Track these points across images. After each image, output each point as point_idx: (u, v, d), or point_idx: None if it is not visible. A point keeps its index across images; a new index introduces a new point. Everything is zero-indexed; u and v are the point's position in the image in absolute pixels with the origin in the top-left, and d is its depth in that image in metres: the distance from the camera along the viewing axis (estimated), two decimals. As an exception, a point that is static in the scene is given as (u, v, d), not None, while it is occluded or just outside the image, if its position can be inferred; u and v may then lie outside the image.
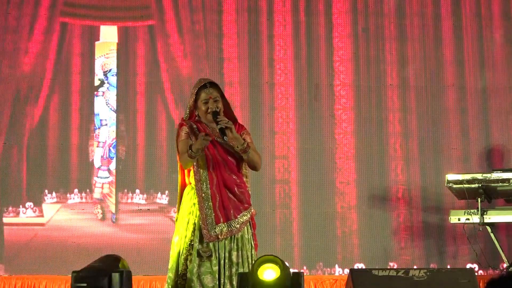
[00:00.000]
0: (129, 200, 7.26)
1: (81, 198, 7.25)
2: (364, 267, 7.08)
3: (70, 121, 7.33)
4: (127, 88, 7.39)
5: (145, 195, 7.26)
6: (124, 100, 7.38)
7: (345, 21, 7.47)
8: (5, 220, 7.20)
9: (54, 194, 7.24)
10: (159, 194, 7.26)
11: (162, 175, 7.27)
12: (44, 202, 7.24)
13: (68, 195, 7.25)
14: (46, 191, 7.24)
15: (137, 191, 7.27)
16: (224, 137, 4.63)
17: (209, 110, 4.76)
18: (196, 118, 4.85)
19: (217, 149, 4.77)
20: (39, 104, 7.32)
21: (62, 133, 7.32)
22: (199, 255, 4.66)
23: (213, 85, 4.82)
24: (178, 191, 4.89)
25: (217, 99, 4.78)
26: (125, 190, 7.27)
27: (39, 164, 7.28)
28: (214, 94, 4.78)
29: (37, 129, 7.31)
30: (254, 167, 4.84)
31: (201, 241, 4.69)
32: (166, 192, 7.24)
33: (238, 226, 4.74)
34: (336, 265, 7.21)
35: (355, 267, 7.10)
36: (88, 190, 7.25)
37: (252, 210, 4.86)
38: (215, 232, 4.68)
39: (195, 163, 4.73)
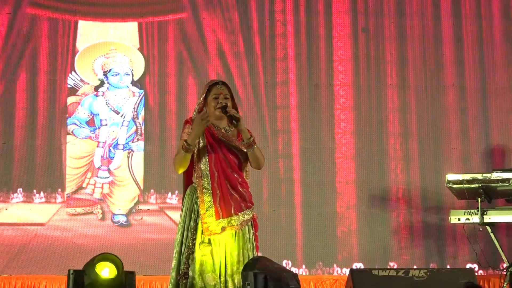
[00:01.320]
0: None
1: (56, 198, 7.23)
2: (363, 267, 7.08)
3: (38, 121, 7.32)
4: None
5: (155, 195, 7.26)
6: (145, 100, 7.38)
7: (345, 21, 7.47)
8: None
9: (42, 194, 7.23)
10: (169, 194, 7.26)
11: (171, 175, 7.27)
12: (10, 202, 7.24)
13: (55, 194, 7.25)
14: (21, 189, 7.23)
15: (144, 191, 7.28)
16: (233, 120, 4.69)
17: (218, 105, 4.79)
18: None
19: (220, 147, 4.78)
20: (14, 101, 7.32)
21: (49, 133, 7.30)
22: (200, 249, 4.67)
23: (225, 84, 4.89)
24: (183, 191, 4.91)
25: (227, 97, 4.83)
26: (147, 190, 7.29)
27: (30, 164, 7.28)
28: (225, 92, 4.84)
29: (25, 128, 7.30)
30: (257, 165, 4.85)
31: (201, 236, 4.70)
32: (176, 192, 7.22)
33: (238, 223, 4.74)
34: (336, 265, 7.21)
35: (355, 267, 7.10)
36: (59, 189, 7.22)
37: (254, 213, 4.87)
38: (215, 227, 4.69)
39: (196, 159, 4.74)
